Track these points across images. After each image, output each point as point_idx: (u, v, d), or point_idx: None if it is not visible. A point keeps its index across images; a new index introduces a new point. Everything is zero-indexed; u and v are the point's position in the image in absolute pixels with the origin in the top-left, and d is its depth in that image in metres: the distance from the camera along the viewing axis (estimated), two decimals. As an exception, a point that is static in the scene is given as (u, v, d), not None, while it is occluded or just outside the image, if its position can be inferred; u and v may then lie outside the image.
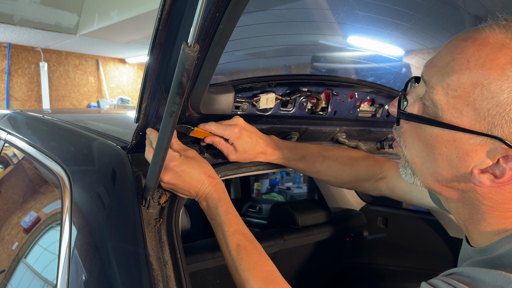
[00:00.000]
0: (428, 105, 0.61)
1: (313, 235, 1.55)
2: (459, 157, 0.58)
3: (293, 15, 0.96)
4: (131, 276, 0.73)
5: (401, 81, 1.38)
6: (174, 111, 0.66)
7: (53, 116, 1.46)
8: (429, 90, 0.60)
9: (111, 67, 8.27)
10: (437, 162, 0.61)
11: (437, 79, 0.59)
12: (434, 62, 0.62)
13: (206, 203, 0.85)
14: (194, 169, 0.84)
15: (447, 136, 0.58)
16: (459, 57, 0.57)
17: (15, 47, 6.90)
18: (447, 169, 0.60)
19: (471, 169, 0.58)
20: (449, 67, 0.57)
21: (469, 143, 0.56)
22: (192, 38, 0.57)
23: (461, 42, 0.58)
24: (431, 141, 0.61)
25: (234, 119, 0.97)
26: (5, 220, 1.18)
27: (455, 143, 0.58)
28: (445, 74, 0.58)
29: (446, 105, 0.57)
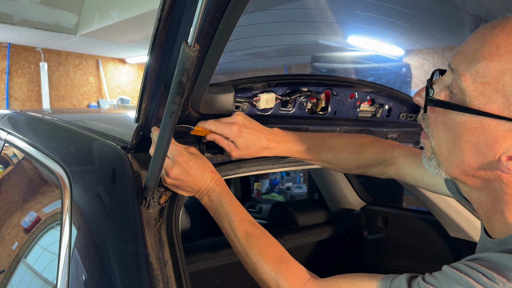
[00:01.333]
0: (456, 92, 0.61)
1: (313, 235, 1.55)
2: (486, 144, 0.58)
3: (293, 15, 0.96)
4: (131, 276, 0.73)
5: (401, 81, 1.38)
6: (174, 110, 0.66)
7: (53, 116, 1.46)
8: (457, 77, 0.60)
9: (111, 67, 8.27)
10: (463, 151, 0.61)
11: (465, 66, 0.59)
12: (462, 50, 0.62)
13: (208, 198, 0.85)
14: (198, 165, 0.85)
15: (475, 123, 0.59)
16: (488, 44, 0.57)
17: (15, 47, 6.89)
18: (474, 157, 0.61)
19: (499, 156, 0.58)
20: (478, 54, 0.58)
21: (497, 130, 0.57)
22: (192, 38, 0.57)
23: (489, 30, 0.58)
24: (458, 129, 0.61)
25: (234, 116, 0.96)
26: (5, 220, 1.18)
27: (483, 130, 0.58)
28: (473, 61, 0.58)
29: (474, 91, 0.58)
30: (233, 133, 0.93)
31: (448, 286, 0.55)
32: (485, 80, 0.57)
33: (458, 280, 0.55)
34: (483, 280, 0.53)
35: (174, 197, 0.88)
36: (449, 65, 0.64)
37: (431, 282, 0.58)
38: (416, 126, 1.49)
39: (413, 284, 0.59)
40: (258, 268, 0.75)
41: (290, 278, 0.72)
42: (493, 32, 0.58)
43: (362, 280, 0.66)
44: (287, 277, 0.72)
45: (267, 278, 0.74)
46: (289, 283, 0.71)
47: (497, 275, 0.52)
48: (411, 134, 1.55)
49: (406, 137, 1.55)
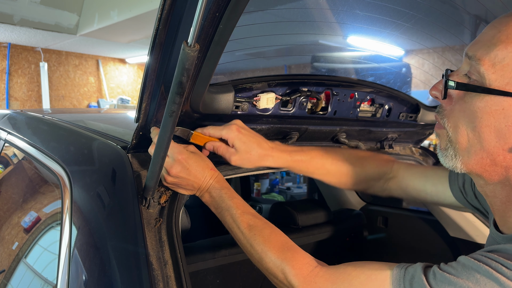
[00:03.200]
0: (475, 78, 0.62)
1: (313, 235, 1.55)
2: (508, 126, 0.59)
3: (293, 15, 0.96)
4: (131, 275, 0.73)
5: (401, 81, 1.38)
6: (174, 110, 0.66)
7: (53, 116, 1.46)
8: (475, 63, 0.62)
9: (111, 67, 8.27)
10: (483, 136, 0.62)
11: (483, 52, 0.61)
12: (478, 39, 0.63)
13: (209, 194, 0.86)
14: (198, 163, 0.85)
15: (495, 105, 0.59)
16: (504, 29, 0.59)
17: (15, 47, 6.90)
18: (494, 141, 0.61)
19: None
20: (495, 39, 0.60)
21: None
22: (192, 38, 0.57)
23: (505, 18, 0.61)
24: (478, 113, 0.61)
25: (232, 120, 0.94)
26: (5, 220, 1.18)
27: (504, 112, 0.59)
28: (491, 46, 0.60)
29: (494, 74, 0.59)
30: (232, 133, 0.90)
31: (466, 275, 0.55)
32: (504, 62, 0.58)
33: (476, 269, 0.54)
34: (502, 270, 0.52)
35: (174, 197, 0.88)
36: (466, 54, 0.65)
37: (448, 271, 0.57)
38: (416, 126, 1.49)
39: (429, 272, 0.59)
40: (263, 258, 0.74)
41: (296, 265, 0.71)
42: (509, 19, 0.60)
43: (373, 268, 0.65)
44: (293, 264, 0.71)
45: (273, 267, 0.73)
46: (295, 270, 0.70)
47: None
48: (411, 134, 1.55)
49: (406, 137, 1.55)
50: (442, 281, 0.56)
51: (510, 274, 0.52)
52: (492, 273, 0.52)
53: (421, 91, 1.42)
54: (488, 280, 0.53)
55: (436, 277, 0.57)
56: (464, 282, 0.54)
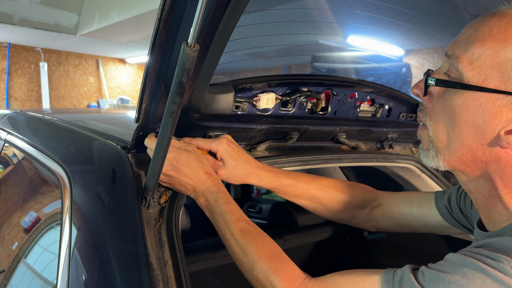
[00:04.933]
0: (454, 76, 0.64)
1: (313, 235, 1.55)
2: (485, 121, 0.61)
3: (293, 15, 0.96)
4: (131, 276, 0.73)
5: (401, 81, 1.38)
6: (174, 111, 0.66)
7: (53, 116, 1.46)
8: (454, 61, 0.64)
9: (111, 67, 8.27)
10: (462, 132, 0.64)
11: (461, 50, 0.63)
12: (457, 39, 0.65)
13: (204, 198, 0.85)
14: (190, 162, 0.84)
15: (473, 101, 0.61)
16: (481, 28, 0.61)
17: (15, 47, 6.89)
18: (473, 136, 0.63)
19: (498, 131, 0.60)
20: (472, 37, 0.62)
21: (494, 105, 0.59)
22: (192, 38, 0.57)
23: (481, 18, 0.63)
24: (457, 110, 0.63)
25: (222, 135, 0.95)
26: (5, 220, 1.18)
27: (481, 107, 0.61)
28: (468, 44, 0.62)
29: (471, 71, 0.61)
30: (221, 146, 0.90)
31: (454, 269, 0.56)
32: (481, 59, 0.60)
33: (463, 263, 0.56)
34: (488, 261, 0.53)
35: (174, 197, 0.88)
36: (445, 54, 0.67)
37: (436, 268, 0.58)
38: (416, 126, 1.48)
39: (417, 273, 0.60)
40: (254, 267, 0.74)
41: (286, 277, 0.71)
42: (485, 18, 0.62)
43: (360, 275, 0.66)
44: (283, 276, 0.71)
45: (262, 278, 0.72)
46: (285, 282, 0.70)
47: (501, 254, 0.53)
48: (411, 134, 1.55)
49: (406, 137, 1.55)
50: (430, 279, 0.57)
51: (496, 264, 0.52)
52: (478, 265, 0.54)
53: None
54: (475, 272, 0.54)
55: (425, 276, 0.58)
56: (452, 276, 0.55)
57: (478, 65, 0.61)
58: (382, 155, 1.42)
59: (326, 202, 1.03)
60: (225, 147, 0.90)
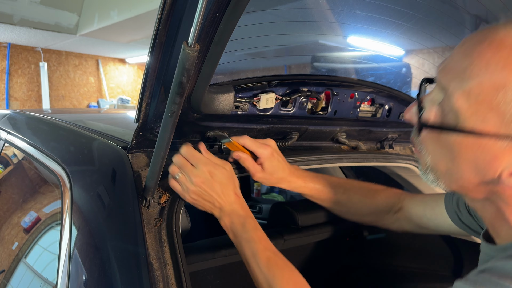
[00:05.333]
0: (448, 111, 0.59)
1: (313, 235, 1.55)
2: (486, 162, 0.56)
3: (293, 15, 0.96)
4: (131, 276, 0.73)
5: (401, 81, 1.38)
6: (174, 111, 0.66)
7: (53, 116, 1.46)
8: (448, 97, 0.58)
9: (111, 67, 8.27)
10: (462, 167, 0.59)
11: (456, 85, 0.57)
12: (450, 66, 0.59)
13: (230, 219, 0.83)
14: (223, 180, 0.84)
15: (472, 142, 0.56)
16: (477, 61, 0.55)
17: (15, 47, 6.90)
18: (474, 174, 0.58)
19: (500, 172, 0.56)
20: (468, 72, 0.55)
21: (496, 147, 0.54)
22: (192, 38, 0.57)
23: (476, 45, 0.56)
24: (455, 147, 0.59)
25: (267, 140, 0.98)
26: (5, 220, 1.18)
27: (481, 148, 0.56)
28: (464, 80, 0.56)
29: (468, 111, 0.55)
30: (266, 154, 0.95)
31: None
32: (479, 99, 0.54)
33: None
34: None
35: (174, 198, 0.88)
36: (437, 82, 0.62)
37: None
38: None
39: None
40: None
41: None
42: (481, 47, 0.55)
43: None
44: None
45: None
46: None
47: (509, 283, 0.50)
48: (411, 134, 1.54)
49: (406, 137, 1.55)
50: None
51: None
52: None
53: (421, 91, 1.42)
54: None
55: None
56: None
57: (475, 104, 0.55)
58: (382, 155, 1.42)
59: (351, 207, 1.07)
60: (269, 155, 0.95)
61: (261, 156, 0.95)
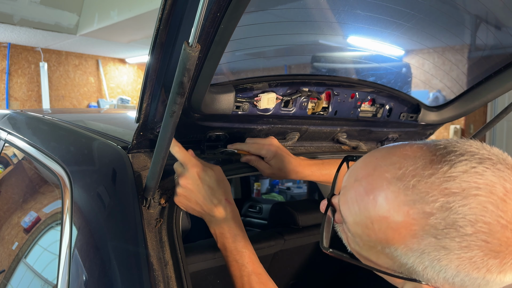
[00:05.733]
0: (347, 235, 0.60)
1: (314, 235, 1.55)
2: (397, 283, 0.59)
3: (293, 15, 0.96)
4: (131, 276, 0.73)
5: (402, 81, 1.38)
6: (175, 111, 0.65)
7: (53, 116, 1.46)
8: (347, 228, 0.58)
9: (111, 67, 8.26)
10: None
11: (350, 225, 0.57)
12: (346, 197, 0.57)
13: (220, 230, 0.82)
14: (212, 185, 0.82)
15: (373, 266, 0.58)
16: (364, 216, 0.54)
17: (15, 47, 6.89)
18: None
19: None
20: (358, 220, 0.55)
21: (395, 278, 0.56)
22: (193, 38, 0.57)
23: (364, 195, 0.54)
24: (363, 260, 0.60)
25: (269, 139, 1.03)
26: (5, 220, 1.18)
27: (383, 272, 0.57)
28: (355, 225, 0.56)
29: (364, 246, 0.57)
30: (270, 154, 1.01)
31: None
32: (370, 245, 0.56)
33: None
34: None
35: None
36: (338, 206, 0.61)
37: None
38: (417, 126, 1.48)
39: None
40: None
41: None
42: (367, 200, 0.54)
43: None
44: None
45: None
46: None
47: None
48: (411, 134, 1.55)
49: (407, 137, 1.55)
50: None
51: None
52: None
53: (421, 91, 1.42)
54: None
55: None
56: None
57: (368, 247, 0.57)
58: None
59: None
60: (273, 154, 1.01)
61: (266, 156, 1.01)
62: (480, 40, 1.23)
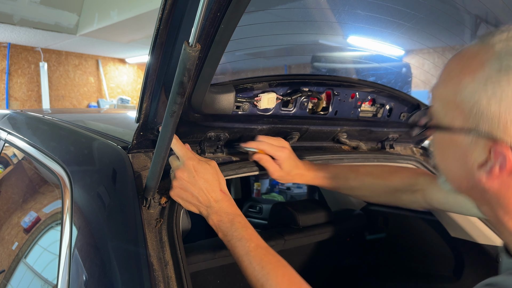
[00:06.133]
0: (433, 114, 0.68)
1: (314, 235, 1.55)
2: (462, 157, 0.63)
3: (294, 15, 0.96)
4: (131, 276, 0.73)
5: (402, 81, 1.38)
6: (175, 111, 0.65)
7: (53, 116, 1.46)
8: (432, 102, 0.68)
9: (111, 67, 8.27)
10: (450, 165, 0.67)
11: (434, 93, 0.68)
12: None
13: (218, 217, 0.83)
14: (208, 176, 0.83)
15: (449, 139, 0.64)
16: (445, 71, 0.66)
17: (15, 47, 6.89)
18: (459, 170, 0.64)
19: (473, 166, 0.61)
20: (440, 80, 0.66)
21: (465, 143, 0.61)
22: (193, 38, 0.57)
23: (450, 60, 0.67)
24: (441, 146, 0.67)
25: (282, 141, 1.06)
26: (5, 220, 1.18)
27: (456, 144, 0.63)
28: (438, 85, 0.66)
29: (441, 112, 0.65)
30: (283, 156, 1.04)
31: None
32: (446, 100, 0.64)
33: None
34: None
35: (175, 197, 0.87)
36: None
37: None
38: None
39: None
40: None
41: None
42: (451, 60, 0.67)
43: None
44: None
45: None
46: None
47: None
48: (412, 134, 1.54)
49: (407, 137, 1.55)
50: None
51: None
52: None
53: (421, 91, 1.42)
54: None
55: None
56: None
57: (445, 106, 0.64)
58: (383, 155, 1.42)
59: (365, 190, 1.13)
60: (287, 157, 1.05)
61: (279, 158, 1.04)
62: (480, 40, 1.23)
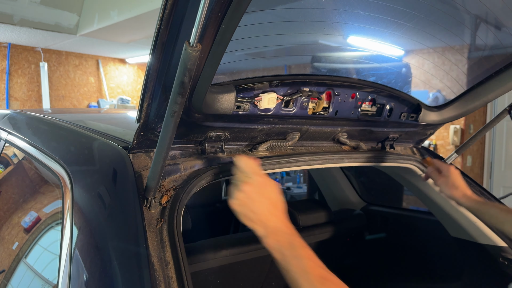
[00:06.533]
0: None
1: (314, 235, 1.55)
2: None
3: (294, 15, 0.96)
4: (132, 276, 0.73)
5: (402, 81, 1.38)
6: (175, 111, 0.65)
7: (54, 116, 1.46)
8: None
9: (111, 67, 8.26)
10: None
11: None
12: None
13: (275, 238, 0.79)
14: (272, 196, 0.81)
15: None
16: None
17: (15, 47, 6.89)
18: None
19: None
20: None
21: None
22: (194, 38, 0.57)
23: None
24: None
25: (450, 163, 1.26)
26: (6, 220, 1.18)
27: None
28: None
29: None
30: (454, 171, 1.32)
31: None
32: None
33: None
34: None
35: (175, 197, 0.87)
36: None
37: None
38: (417, 126, 1.48)
39: None
40: None
41: None
42: None
43: None
44: None
45: None
46: None
47: None
48: (412, 134, 1.54)
49: (407, 137, 1.55)
50: None
51: None
52: None
53: (422, 91, 1.42)
54: None
55: None
56: None
57: None
58: (383, 155, 1.42)
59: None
60: (450, 172, 1.32)
61: (448, 173, 1.33)
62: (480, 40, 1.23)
